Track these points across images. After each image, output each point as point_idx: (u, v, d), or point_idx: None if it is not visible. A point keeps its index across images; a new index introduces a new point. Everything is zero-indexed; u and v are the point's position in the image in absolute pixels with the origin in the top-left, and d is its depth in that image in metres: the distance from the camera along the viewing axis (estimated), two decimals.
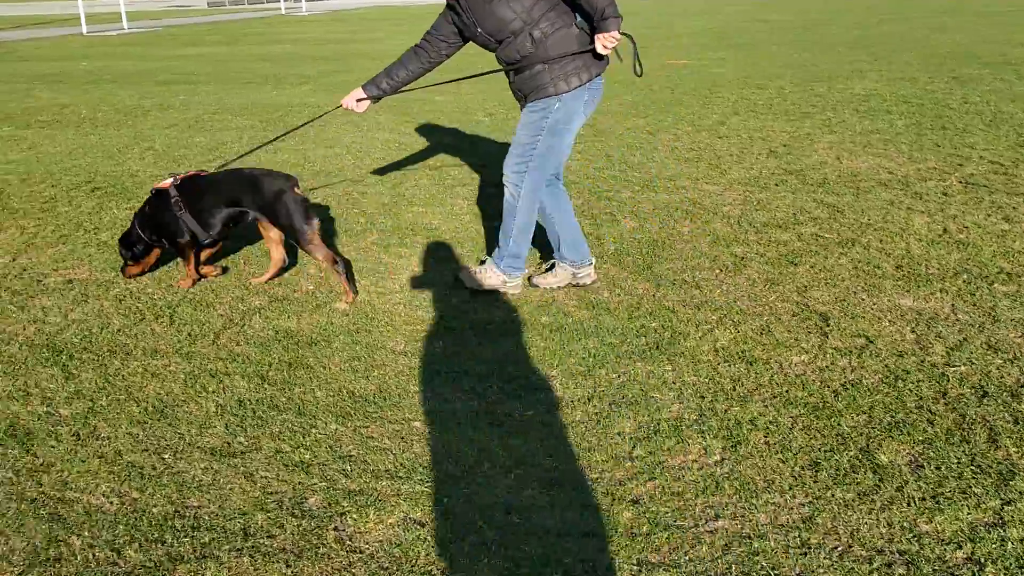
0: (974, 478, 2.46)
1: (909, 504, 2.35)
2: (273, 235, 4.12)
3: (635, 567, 2.16)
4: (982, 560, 2.14)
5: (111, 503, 2.52)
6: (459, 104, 9.44)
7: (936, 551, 2.17)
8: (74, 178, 6.58)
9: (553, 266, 4.09)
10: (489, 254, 4.27)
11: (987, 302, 3.68)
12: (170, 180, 4.05)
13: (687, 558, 2.18)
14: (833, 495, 2.41)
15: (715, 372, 3.15)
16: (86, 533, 2.38)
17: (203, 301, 4.05)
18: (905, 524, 2.27)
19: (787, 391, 2.99)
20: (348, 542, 2.32)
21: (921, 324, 3.49)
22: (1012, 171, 5.79)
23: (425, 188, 5.92)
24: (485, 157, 6.75)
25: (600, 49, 3.49)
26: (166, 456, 2.76)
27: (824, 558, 2.16)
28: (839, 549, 2.20)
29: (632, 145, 7.09)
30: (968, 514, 2.31)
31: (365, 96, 3.88)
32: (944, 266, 4.11)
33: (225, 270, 4.43)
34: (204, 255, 4.30)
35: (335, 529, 2.37)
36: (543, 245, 4.25)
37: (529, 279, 4.09)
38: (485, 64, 4.10)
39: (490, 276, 3.94)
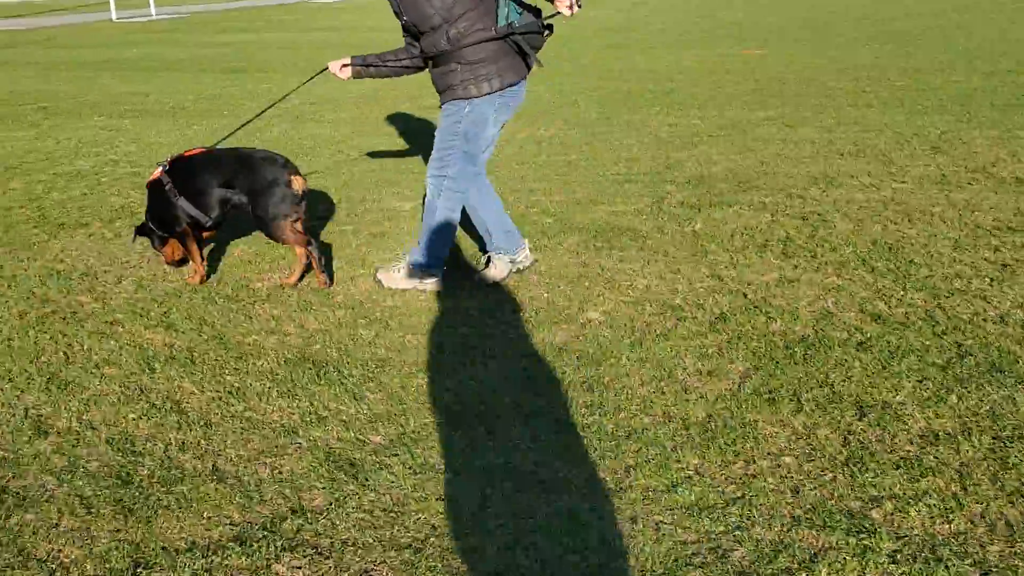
0: None
1: None
2: None
3: None
4: None
5: (527, 558, 2.20)
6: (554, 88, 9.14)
7: None
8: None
9: (490, 259, 4.02)
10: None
11: None
12: (159, 168, 3.95)
13: None
14: None
15: None
16: None
17: (439, 309, 3.74)
18: None
19: None
20: None
21: None
22: None
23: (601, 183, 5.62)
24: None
25: (566, 11, 3.34)
26: (554, 496, 2.45)
27: None
28: None
29: (779, 139, 6.78)
30: None
31: (349, 63, 3.84)
32: None
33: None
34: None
35: None
36: (479, 239, 4.18)
37: (475, 275, 4.02)
38: None
39: (399, 277, 3.89)
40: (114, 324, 3.67)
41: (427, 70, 3.79)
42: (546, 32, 3.61)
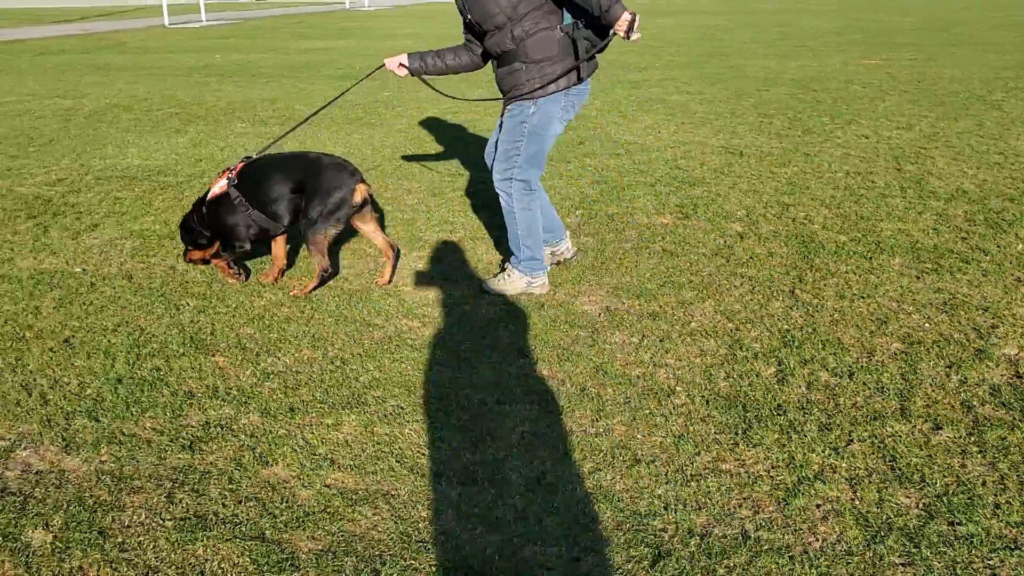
0: None
1: None
2: (369, 227, 3.95)
3: None
4: None
5: None
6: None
7: None
8: (408, 182, 5.91)
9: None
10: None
11: None
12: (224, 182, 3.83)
13: None
14: None
15: None
16: None
17: (791, 338, 3.36)
18: None
19: None
20: None
21: None
22: None
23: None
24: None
25: (623, 36, 3.16)
26: None
27: None
28: None
29: (996, 152, 6.42)
30: None
31: (407, 63, 3.79)
32: None
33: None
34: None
35: None
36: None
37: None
38: None
39: (513, 281, 3.80)
40: (469, 358, 3.29)
41: (484, 69, 3.72)
42: (612, 32, 3.31)
